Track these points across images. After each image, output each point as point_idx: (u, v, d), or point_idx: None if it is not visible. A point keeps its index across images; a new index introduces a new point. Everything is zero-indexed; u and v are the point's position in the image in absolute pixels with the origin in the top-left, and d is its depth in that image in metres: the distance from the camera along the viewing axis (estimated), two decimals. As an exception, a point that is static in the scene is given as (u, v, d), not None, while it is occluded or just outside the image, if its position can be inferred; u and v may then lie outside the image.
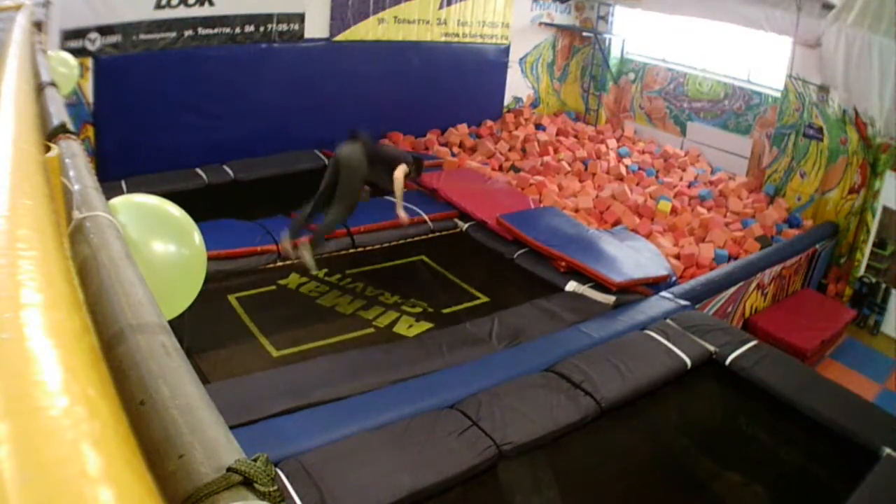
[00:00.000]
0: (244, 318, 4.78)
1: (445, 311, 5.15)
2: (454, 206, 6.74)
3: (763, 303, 6.78)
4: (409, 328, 4.88)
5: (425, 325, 4.91)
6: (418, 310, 5.11)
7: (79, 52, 5.74)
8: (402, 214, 5.31)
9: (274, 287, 5.26)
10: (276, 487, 0.54)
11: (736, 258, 6.61)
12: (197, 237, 1.35)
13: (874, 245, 7.23)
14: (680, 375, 4.45)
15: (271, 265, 5.51)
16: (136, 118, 6.65)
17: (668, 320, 4.98)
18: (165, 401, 0.60)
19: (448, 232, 6.58)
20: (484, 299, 5.41)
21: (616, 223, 7.11)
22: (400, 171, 5.13)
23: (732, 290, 6.09)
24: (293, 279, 5.37)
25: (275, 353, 4.42)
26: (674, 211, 7.52)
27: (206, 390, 0.66)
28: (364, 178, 5.12)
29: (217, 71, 7.10)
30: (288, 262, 5.57)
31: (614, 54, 10.30)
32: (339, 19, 7.98)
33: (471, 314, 5.09)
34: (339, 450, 3.32)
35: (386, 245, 6.08)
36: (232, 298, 4.99)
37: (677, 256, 6.43)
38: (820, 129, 7.74)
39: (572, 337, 4.70)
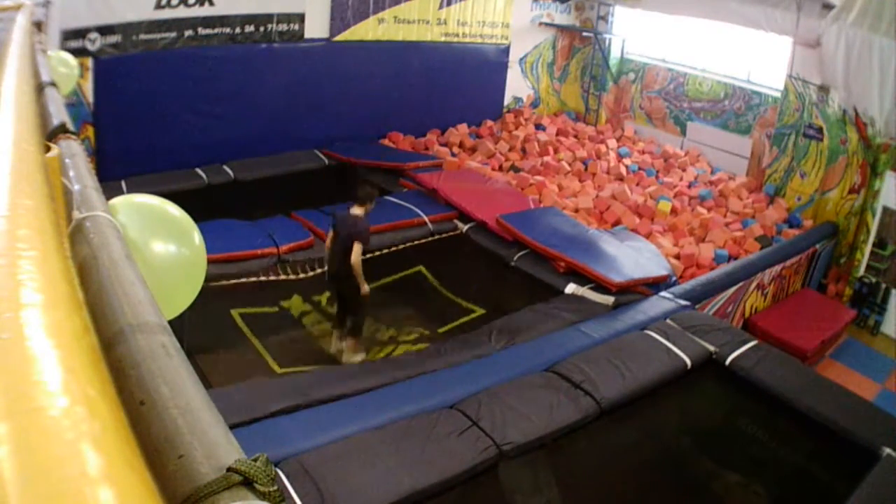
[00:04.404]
0: (248, 334, 4.80)
1: (442, 329, 5.15)
2: (454, 206, 6.73)
3: (763, 303, 6.78)
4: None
5: (422, 347, 4.94)
6: (414, 336, 5.12)
7: (79, 52, 5.73)
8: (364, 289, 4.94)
9: (276, 309, 5.26)
10: (276, 487, 0.54)
11: (736, 258, 6.61)
12: (197, 237, 1.35)
13: (874, 245, 7.23)
14: (680, 375, 4.45)
15: (273, 276, 5.48)
16: (136, 118, 6.65)
17: (668, 320, 4.98)
18: (165, 401, 0.60)
19: (448, 234, 6.55)
20: (481, 311, 5.41)
21: (616, 223, 7.11)
22: (357, 253, 4.74)
23: (732, 290, 6.08)
24: (296, 303, 5.36)
25: (279, 370, 4.44)
26: (674, 211, 7.52)
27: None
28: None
29: (217, 71, 7.10)
30: (290, 278, 5.54)
31: (614, 54, 10.30)
32: (339, 19, 7.98)
33: (468, 328, 5.10)
34: (339, 450, 3.31)
35: (385, 251, 6.00)
36: (235, 313, 5.00)
37: (677, 256, 6.43)
38: (820, 129, 7.74)
39: (572, 337, 4.69)
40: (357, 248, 4.65)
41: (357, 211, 4.84)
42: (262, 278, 5.42)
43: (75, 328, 0.51)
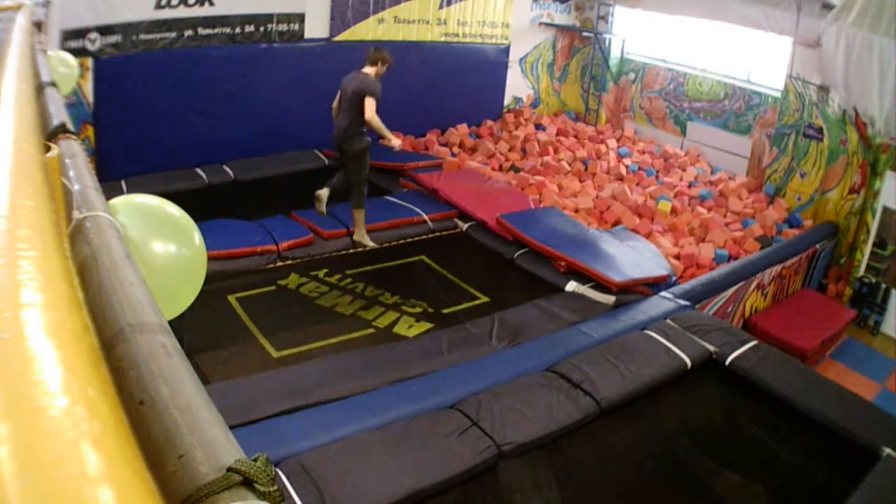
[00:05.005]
0: (244, 319, 4.78)
1: (445, 311, 5.15)
2: (454, 206, 6.74)
3: (763, 303, 6.78)
4: (409, 328, 4.87)
5: (425, 326, 4.91)
6: (418, 310, 5.11)
7: (79, 52, 5.74)
8: (395, 142, 5.25)
9: (274, 287, 5.26)
10: (276, 487, 0.54)
11: (736, 258, 6.61)
12: (197, 237, 1.35)
13: (874, 245, 7.23)
14: (680, 375, 4.45)
15: (271, 266, 5.50)
16: (136, 118, 6.65)
17: (668, 320, 4.98)
18: (165, 401, 0.60)
19: (448, 232, 6.58)
20: (484, 299, 5.41)
21: (616, 223, 7.11)
22: (370, 108, 4.83)
23: (732, 290, 6.09)
24: (293, 279, 5.37)
25: (275, 354, 4.42)
26: (674, 211, 7.52)
27: (206, 390, 0.66)
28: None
29: (217, 71, 7.10)
30: (288, 262, 5.57)
31: (614, 54, 10.30)
32: (339, 19, 7.98)
33: (471, 314, 5.09)
34: (339, 450, 3.32)
35: (386, 245, 6.08)
36: (232, 299, 4.99)
37: (677, 256, 6.43)
38: (820, 129, 7.74)
39: (572, 337, 4.69)
40: (370, 104, 4.69)
41: (368, 70, 4.87)
42: (261, 268, 5.44)
43: (75, 328, 0.51)
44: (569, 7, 10.32)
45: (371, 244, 5.47)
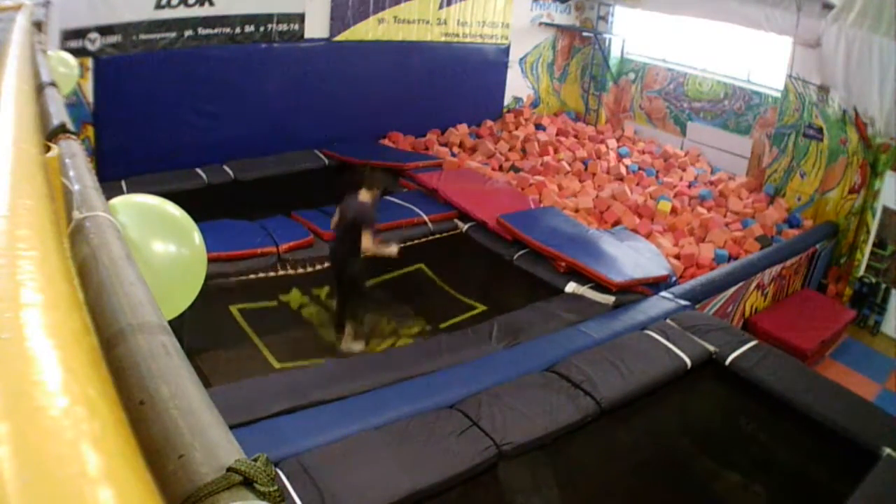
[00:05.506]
0: (247, 330, 4.79)
1: (443, 325, 5.14)
2: (454, 206, 6.73)
3: (763, 303, 6.78)
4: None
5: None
6: (416, 329, 5.11)
7: (79, 52, 5.73)
8: (393, 251, 5.07)
9: (275, 303, 5.26)
10: (276, 487, 0.54)
11: (736, 258, 6.61)
12: (197, 237, 1.35)
13: (874, 245, 7.23)
14: (680, 375, 4.44)
15: (272, 273, 5.48)
16: (136, 118, 6.65)
17: (668, 320, 4.98)
18: (165, 401, 0.60)
19: (448, 233, 6.57)
20: (482, 308, 5.40)
21: (616, 223, 7.11)
22: (367, 240, 4.76)
23: (732, 290, 6.08)
24: (294, 296, 5.36)
25: (277, 365, 4.43)
26: (674, 211, 7.52)
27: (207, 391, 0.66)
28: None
29: (217, 71, 7.10)
30: (290, 273, 5.55)
31: (614, 54, 10.30)
32: (339, 19, 7.98)
33: (470, 324, 5.09)
34: (339, 450, 3.31)
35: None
36: (234, 309, 5.00)
37: (677, 256, 6.43)
38: (820, 129, 7.74)
39: (572, 337, 4.69)
40: (366, 236, 4.69)
41: (364, 196, 4.87)
42: (262, 275, 5.42)
43: (75, 328, 0.51)
44: (569, 7, 10.32)
45: (358, 349, 5.04)
